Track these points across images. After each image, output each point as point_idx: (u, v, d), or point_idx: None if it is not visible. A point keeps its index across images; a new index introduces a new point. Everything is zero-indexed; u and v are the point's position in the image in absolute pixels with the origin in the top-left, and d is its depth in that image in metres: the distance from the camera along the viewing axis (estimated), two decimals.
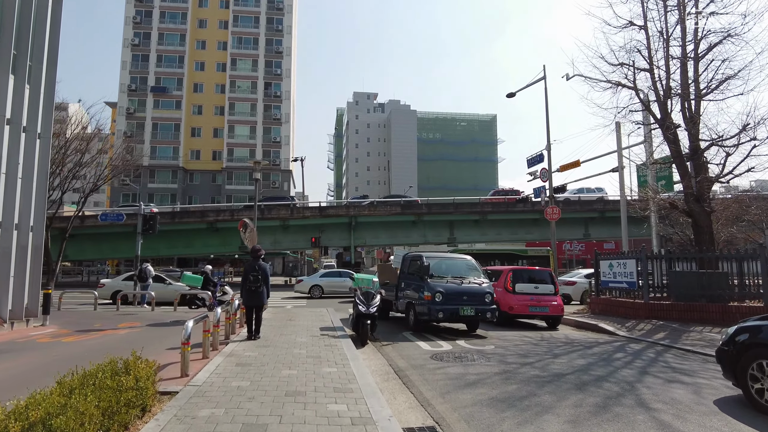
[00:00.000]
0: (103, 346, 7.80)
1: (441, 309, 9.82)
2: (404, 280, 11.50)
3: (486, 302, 10.25)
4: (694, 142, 13.94)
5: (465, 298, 10.08)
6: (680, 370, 6.94)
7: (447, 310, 9.85)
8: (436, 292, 9.93)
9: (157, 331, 9.70)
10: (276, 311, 14.27)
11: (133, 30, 57.28)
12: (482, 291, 10.37)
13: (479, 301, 10.17)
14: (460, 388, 5.76)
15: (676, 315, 11.83)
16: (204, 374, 5.60)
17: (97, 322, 11.20)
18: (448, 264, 11.28)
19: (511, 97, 21.63)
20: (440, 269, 10.77)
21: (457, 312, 9.90)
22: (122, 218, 20.13)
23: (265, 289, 8.56)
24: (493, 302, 10.39)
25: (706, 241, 13.62)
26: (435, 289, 9.96)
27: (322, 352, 7.23)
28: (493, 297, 10.39)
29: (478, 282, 10.62)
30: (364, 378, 5.61)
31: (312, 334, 9.26)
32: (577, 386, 5.92)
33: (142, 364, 4.18)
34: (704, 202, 13.91)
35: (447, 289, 10.02)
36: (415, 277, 10.85)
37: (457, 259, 11.87)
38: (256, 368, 6.03)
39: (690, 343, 9.18)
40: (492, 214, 36.34)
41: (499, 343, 9.16)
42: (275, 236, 35.39)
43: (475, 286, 10.45)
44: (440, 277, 10.44)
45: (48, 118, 10.21)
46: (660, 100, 14.48)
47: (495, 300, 10.55)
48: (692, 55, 14.11)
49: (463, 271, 11.06)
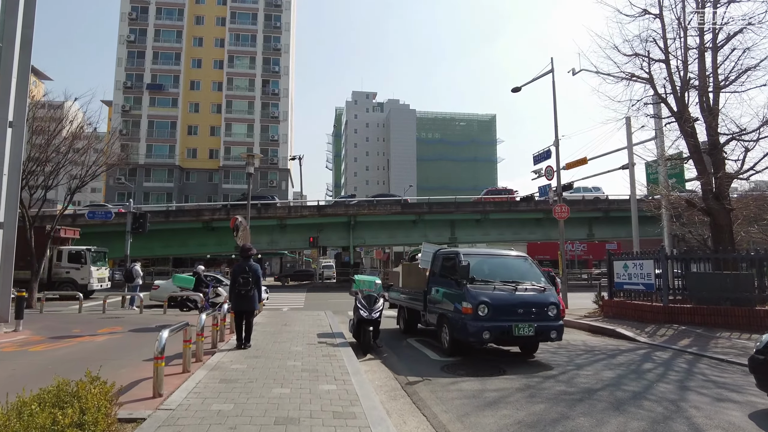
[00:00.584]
0: (74, 357, 6.97)
1: (487, 327, 7.10)
2: (435, 284, 8.80)
3: (550, 317, 7.51)
4: (713, 136, 13.18)
5: (520, 311, 7.34)
6: (724, 385, 6.14)
7: (495, 328, 7.13)
8: (480, 302, 7.20)
9: (138, 338, 8.86)
10: (271, 314, 13.45)
11: (128, 26, 56.36)
12: (544, 301, 7.59)
13: (540, 316, 7.46)
14: (479, 409, 4.96)
15: (699, 319, 11.05)
16: (180, 394, 4.78)
17: (77, 326, 10.36)
18: (494, 263, 8.50)
19: (517, 92, 20.82)
20: (484, 271, 8.03)
21: (510, 331, 7.16)
22: (111, 216, 19.34)
23: (256, 293, 7.74)
24: (560, 316, 7.67)
25: (726, 241, 12.86)
26: (478, 299, 7.24)
27: (319, 365, 6.41)
28: (559, 309, 7.65)
29: (537, 288, 7.81)
30: (369, 399, 4.79)
31: (308, 341, 8.44)
32: (613, 405, 5.12)
33: (95, 389, 3.37)
34: (724, 199, 13.16)
35: (495, 299, 7.31)
36: (449, 282, 8.17)
37: (506, 257, 8.96)
38: (243, 386, 5.21)
39: (721, 352, 8.39)
40: (494, 213, 35.57)
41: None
42: (272, 236, 34.56)
43: (534, 294, 7.69)
44: (485, 282, 7.67)
45: (21, 106, 9.38)
46: (676, 92, 13.75)
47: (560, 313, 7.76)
48: (710, 45, 13.38)
49: (515, 273, 8.23)
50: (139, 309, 14.33)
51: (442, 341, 8.17)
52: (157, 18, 56.99)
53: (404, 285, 10.81)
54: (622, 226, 34.84)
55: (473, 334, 7.14)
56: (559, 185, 18.70)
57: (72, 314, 13.63)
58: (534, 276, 8.22)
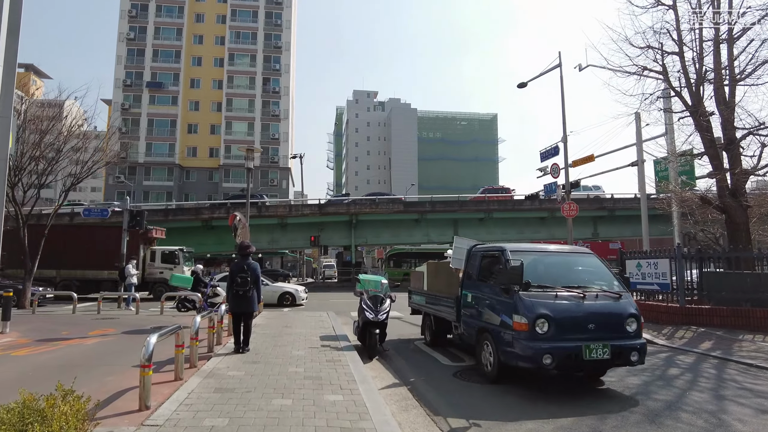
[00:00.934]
0: (58, 362, 6.51)
1: (549, 349, 5.30)
2: (471, 289, 6.92)
3: (629, 333, 5.69)
4: (730, 130, 12.71)
5: (591, 326, 5.54)
6: (763, 394, 5.66)
7: (560, 351, 5.34)
8: (539, 316, 5.43)
9: (131, 340, 8.39)
10: (271, 315, 12.99)
11: (128, 24, 55.90)
12: (622, 312, 5.76)
13: (617, 332, 5.65)
14: (500, 421, 4.48)
15: (718, 321, 10.56)
16: (170, 406, 4.31)
17: (68, 328, 9.89)
18: (551, 263, 6.66)
19: (523, 87, 20.35)
20: (538, 272, 6.13)
21: (579, 354, 5.37)
22: (107, 214, 18.92)
23: (255, 293, 7.26)
24: (641, 332, 5.84)
25: (742, 239, 12.40)
26: (536, 311, 5.46)
27: (323, 371, 5.93)
28: (640, 323, 5.83)
29: (611, 295, 5.92)
30: (380, 412, 4.31)
31: (311, 344, 7.96)
32: (647, 418, 4.65)
33: (65, 405, 2.89)
34: (741, 196, 12.69)
35: (558, 312, 5.53)
36: (492, 287, 6.34)
37: (566, 254, 7.13)
38: (240, 396, 4.73)
39: (748, 356, 7.90)
40: (498, 212, 35.12)
41: None
42: (273, 235, 34.10)
43: (608, 302, 5.84)
44: (541, 288, 5.82)
45: (8, 95, 8.93)
46: (690, 85, 13.27)
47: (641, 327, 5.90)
48: (725, 37, 12.91)
49: (579, 276, 6.42)
50: (135, 309, 13.89)
51: (483, 362, 6.27)
52: (157, 15, 56.53)
53: (430, 288, 9.02)
54: (628, 225, 34.39)
55: (530, 358, 5.32)
56: (567, 182, 18.25)
57: (66, 315, 13.18)
58: (604, 278, 6.33)
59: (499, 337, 5.85)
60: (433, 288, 8.87)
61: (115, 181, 49.37)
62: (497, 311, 6.03)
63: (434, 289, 8.79)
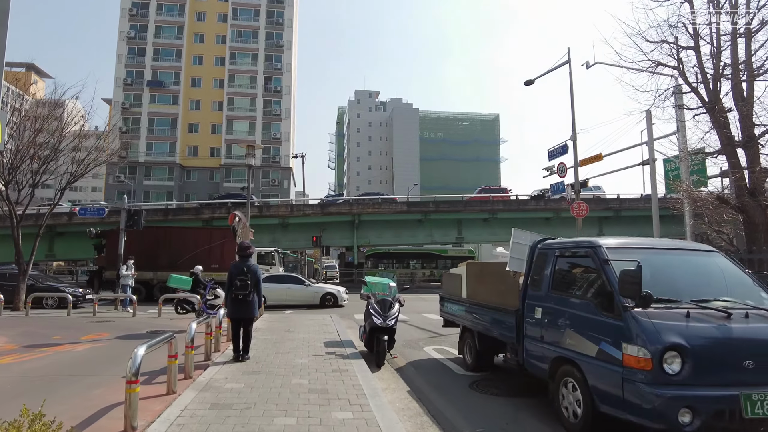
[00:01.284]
0: (43, 371, 6.05)
1: (689, 398, 3.53)
2: (542, 301, 5.03)
3: None
4: (749, 127, 12.24)
5: (749, 364, 3.68)
6: None
7: (706, 402, 3.54)
8: (669, 346, 3.65)
9: (124, 346, 7.93)
10: (272, 318, 12.53)
11: (129, 22, 55.50)
12: None
13: None
14: None
15: None
16: (160, 426, 3.85)
17: (60, 332, 9.43)
18: (668, 265, 4.59)
19: (530, 84, 19.91)
20: (660, 281, 4.17)
21: (736, 408, 3.52)
22: (103, 213, 18.47)
23: (255, 297, 6.78)
24: None
25: (761, 240, 11.94)
26: (664, 340, 3.67)
27: (329, 383, 5.46)
28: None
29: (764, 314, 4.05)
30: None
31: (315, 351, 7.50)
32: None
33: None
34: (760, 195, 12.23)
35: (699, 340, 3.71)
36: (579, 300, 4.54)
37: (686, 253, 4.91)
38: (239, 413, 4.27)
39: None
40: (502, 212, 34.62)
41: None
42: (274, 235, 33.64)
43: (765, 325, 3.93)
44: (665, 302, 3.98)
45: None
46: (707, 81, 12.81)
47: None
48: (743, 31, 12.47)
49: (709, 284, 4.53)
50: (132, 311, 13.44)
51: (561, 406, 4.47)
52: (158, 14, 56.12)
53: (472, 295, 7.16)
54: (634, 225, 33.86)
55: (656, 412, 3.52)
56: (576, 181, 17.77)
57: (60, 317, 12.73)
58: (746, 287, 4.42)
59: (597, 375, 4.02)
60: (477, 296, 6.99)
61: (116, 181, 48.98)
62: (590, 336, 4.18)
63: (478, 297, 6.91)
